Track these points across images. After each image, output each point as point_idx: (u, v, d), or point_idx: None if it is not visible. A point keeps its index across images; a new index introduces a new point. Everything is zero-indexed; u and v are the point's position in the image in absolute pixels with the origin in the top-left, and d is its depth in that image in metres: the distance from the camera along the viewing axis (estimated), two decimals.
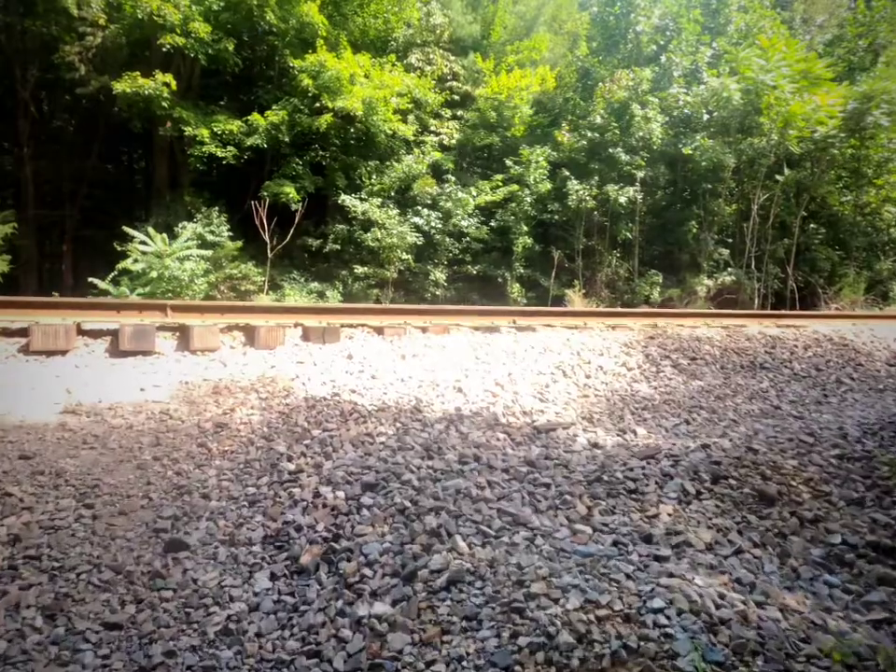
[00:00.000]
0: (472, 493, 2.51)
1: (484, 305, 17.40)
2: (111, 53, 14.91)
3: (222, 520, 2.37)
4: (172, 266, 12.90)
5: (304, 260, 16.86)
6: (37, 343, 3.93)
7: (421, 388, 4.01)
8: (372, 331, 5.17)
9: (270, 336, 4.56)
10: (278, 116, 14.67)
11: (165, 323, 4.72)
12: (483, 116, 17.88)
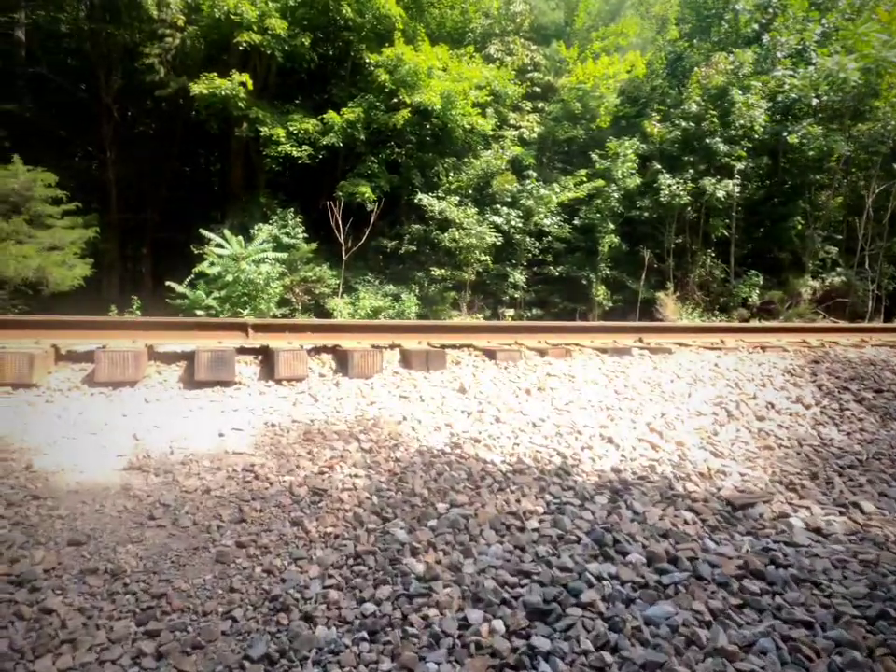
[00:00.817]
0: (698, 636, 1.66)
1: (567, 308, 16.38)
2: (189, 55, 14.78)
3: (335, 667, 1.61)
4: (247, 269, 12.56)
5: (378, 262, 16.31)
6: (104, 372, 3.33)
7: (560, 437, 3.17)
8: (481, 355, 4.35)
9: (365, 362, 3.82)
10: (354, 113, 14.13)
11: (246, 344, 4.07)
12: (566, 107, 16.81)
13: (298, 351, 3.74)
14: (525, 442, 3.09)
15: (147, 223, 18.13)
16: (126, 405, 3.23)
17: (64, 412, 3.10)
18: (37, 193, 12.14)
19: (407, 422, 3.22)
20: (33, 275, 11.67)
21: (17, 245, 11.42)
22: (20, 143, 14.97)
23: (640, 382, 3.97)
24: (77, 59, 18.60)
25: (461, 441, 3.04)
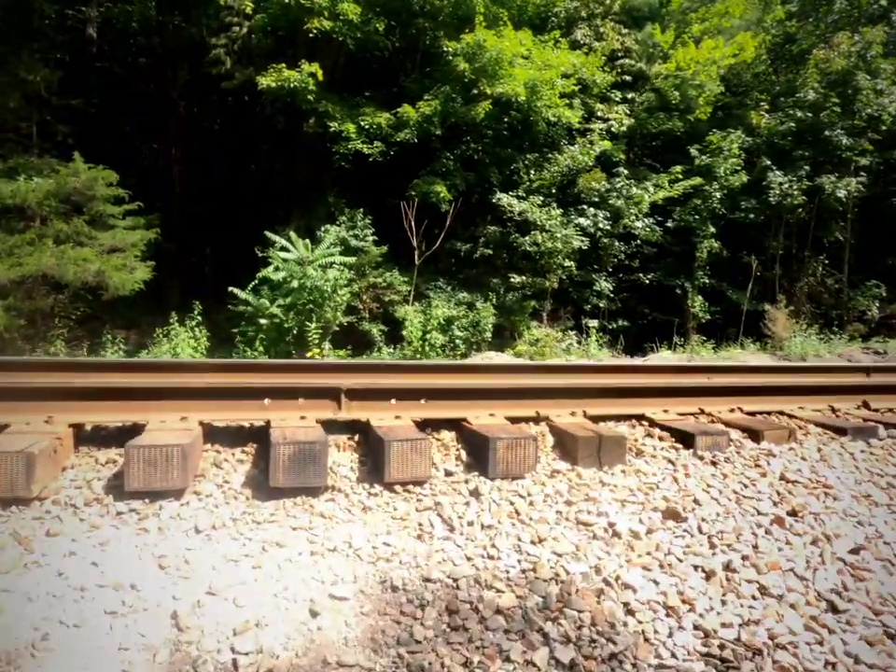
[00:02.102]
0: None
1: (658, 320, 14.76)
2: (256, 45, 13.93)
3: None
4: (313, 275, 11.57)
5: (450, 266, 15.10)
6: (136, 477, 2.19)
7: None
8: (669, 438, 3.03)
9: (512, 454, 2.57)
10: (430, 106, 12.93)
11: (338, 416, 2.90)
12: (661, 96, 15.16)
13: (416, 440, 2.52)
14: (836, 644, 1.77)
15: (210, 222, 17.48)
16: (165, 540, 2.07)
17: (71, 560, 1.96)
18: (99, 192, 11.47)
19: (612, 592, 1.94)
20: (93, 279, 10.98)
21: (76, 247, 10.74)
22: (84, 139, 14.47)
23: None
24: (146, 55, 18.12)
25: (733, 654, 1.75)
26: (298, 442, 2.39)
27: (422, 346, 12.65)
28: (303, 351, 12.23)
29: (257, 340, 11.61)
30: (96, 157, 12.70)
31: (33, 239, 10.50)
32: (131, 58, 16.97)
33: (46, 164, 12.11)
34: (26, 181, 11.17)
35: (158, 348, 11.96)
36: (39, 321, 11.95)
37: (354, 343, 13.34)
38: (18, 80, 11.57)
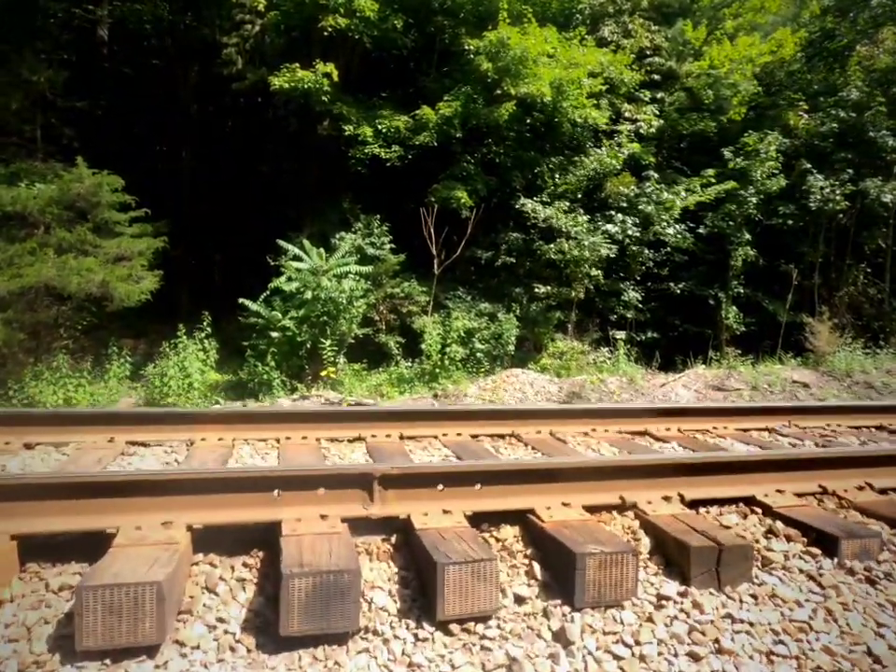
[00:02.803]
0: None
1: (689, 332, 14.00)
2: (269, 44, 13.35)
3: None
4: (328, 286, 10.95)
5: (470, 275, 14.43)
6: (92, 632, 1.54)
7: None
8: (796, 536, 2.34)
9: (604, 577, 1.90)
10: (451, 108, 12.27)
11: (371, 513, 2.23)
12: (693, 96, 14.41)
13: (479, 563, 1.84)
14: None
15: (220, 228, 16.93)
16: None
17: None
18: (104, 199, 10.91)
19: None
20: (97, 290, 10.42)
21: (79, 257, 10.18)
22: (91, 143, 13.96)
23: None
24: (156, 55, 17.63)
25: None
26: (319, 572, 1.72)
27: (441, 360, 12.00)
28: (317, 367, 11.62)
29: (268, 354, 11.00)
30: (103, 161, 12.16)
31: (34, 248, 9.96)
32: (140, 58, 16.45)
33: (50, 169, 11.60)
34: (28, 187, 10.66)
35: (165, 361, 11.40)
36: (42, 332, 11.43)
37: (369, 356, 12.73)
38: (20, 81, 11.05)
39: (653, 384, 10.58)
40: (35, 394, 10.02)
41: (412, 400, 10.07)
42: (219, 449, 3.58)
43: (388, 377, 12.12)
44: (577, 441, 4.12)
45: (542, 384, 10.06)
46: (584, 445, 4.04)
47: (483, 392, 9.73)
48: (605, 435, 4.24)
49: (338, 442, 3.91)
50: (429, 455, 3.75)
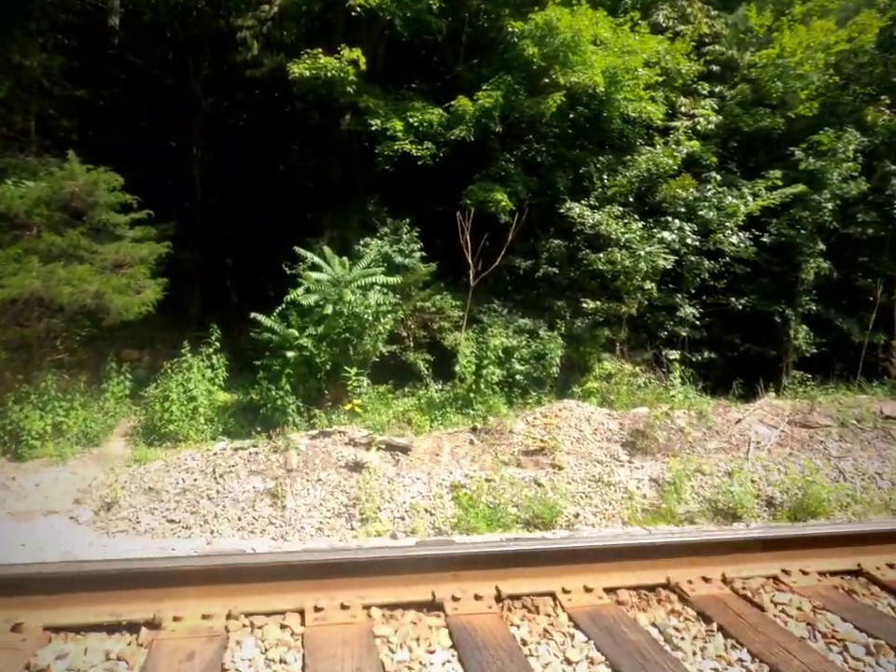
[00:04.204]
0: None
1: (751, 352, 12.54)
2: (287, 27, 12.04)
3: None
4: (352, 299, 9.60)
5: (506, 286, 13.04)
6: None
7: None
8: None
9: None
10: (492, 98, 10.90)
11: None
12: (757, 89, 12.91)
13: None
14: None
15: (233, 230, 15.66)
16: None
17: None
18: (101, 199, 9.66)
19: None
20: (91, 301, 9.16)
21: (69, 265, 8.92)
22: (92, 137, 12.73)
23: None
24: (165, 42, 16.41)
25: None
26: None
27: (476, 383, 10.64)
28: (337, 391, 10.29)
29: (283, 376, 9.69)
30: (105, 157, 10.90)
31: (18, 255, 8.72)
32: (150, 47, 15.22)
33: (43, 165, 10.36)
34: (15, 185, 9.43)
35: (168, 381, 10.13)
36: (34, 346, 10.20)
37: (394, 375, 11.41)
38: (10, 66, 9.81)
39: (727, 419, 9.14)
40: (18, 420, 8.79)
41: (448, 435, 8.71)
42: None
43: (417, 402, 10.78)
44: (771, 597, 2.74)
45: (600, 419, 8.66)
46: (796, 617, 2.63)
47: (532, 429, 8.35)
48: (808, 585, 2.85)
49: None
50: (553, 650, 2.34)
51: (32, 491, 6.97)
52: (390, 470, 7.07)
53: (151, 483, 6.76)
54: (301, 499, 6.42)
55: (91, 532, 5.91)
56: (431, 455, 7.85)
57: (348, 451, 7.28)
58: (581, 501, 6.90)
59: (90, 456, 8.96)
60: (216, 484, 6.61)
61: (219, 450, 7.35)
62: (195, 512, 6.22)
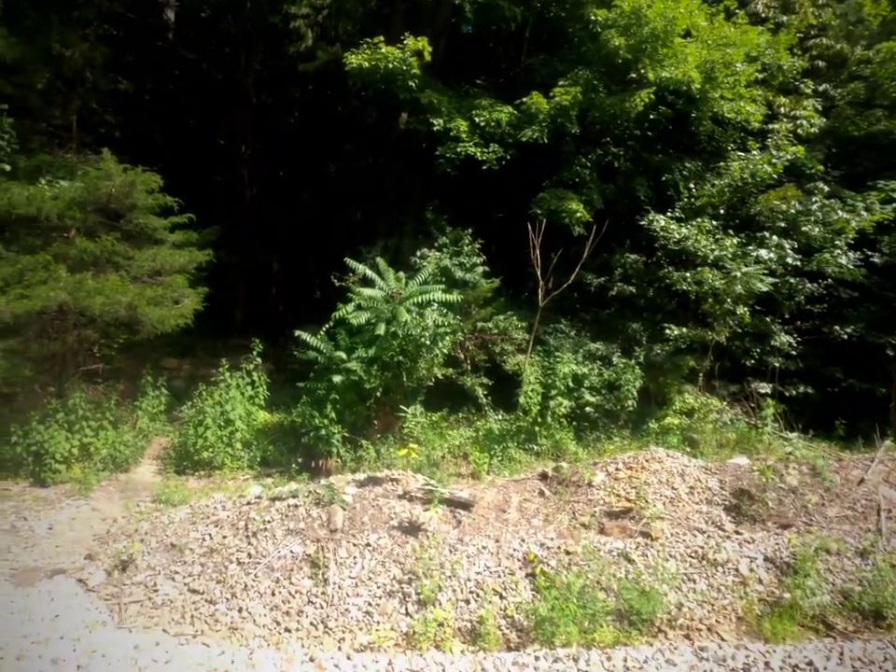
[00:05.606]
0: None
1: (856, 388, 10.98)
2: (344, 15, 11.05)
3: None
4: (407, 319, 8.52)
5: (574, 304, 11.78)
6: None
7: None
8: None
9: None
10: (569, 94, 9.67)
11: None
12: (876, 88, 11.31)
13: None
14: None
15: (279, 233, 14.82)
16: None
17: None
18: (139, 201, 8.84)
19: None
20: (125, 313, 8.33)
21: (97, 275, 8.11)
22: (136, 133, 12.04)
23: None
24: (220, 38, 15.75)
25: None
26: None
27: (541, 414, 9.46)
28: (387, 419, 9.25)
29: (328, 402, 8.68)
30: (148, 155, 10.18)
31: (48, 262, 7.95)
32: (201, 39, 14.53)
33: (83, 162, 9.63)
34: (50, 184, 8.69)
35: (204, 402, 9.28)
36: (68, 356, 9.47)
37: (448, 400, 10.31)
38: (50, 56, 9.10)
39: (846, 477, 7.68)
40: (43, 441, 8.03)
41: (514, 484, 7.53)
42: None
43: (474, 434, 9.65)
44: None
45: (696, 473, 7.33)
46: None
47: (615, 482, 7.09)
48: None
49: None
50: None
51: (43, 537, 6.12)
52: (451, 534, 5.94)
53: (174, 537, 5.80)
54: (346, 570, 5.35)
55: (98, 602, 4.97)
56: (497, 511, 6.69)
57: (402, 506, 6.18)
58: (683, 587, 5.62)
59: (115, 485, 8.15)
60: (247, 545, 5.60)
61: (254, 498, 6.35)
62: (222, 581, 5.22)
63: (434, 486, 6.23)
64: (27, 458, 8.05)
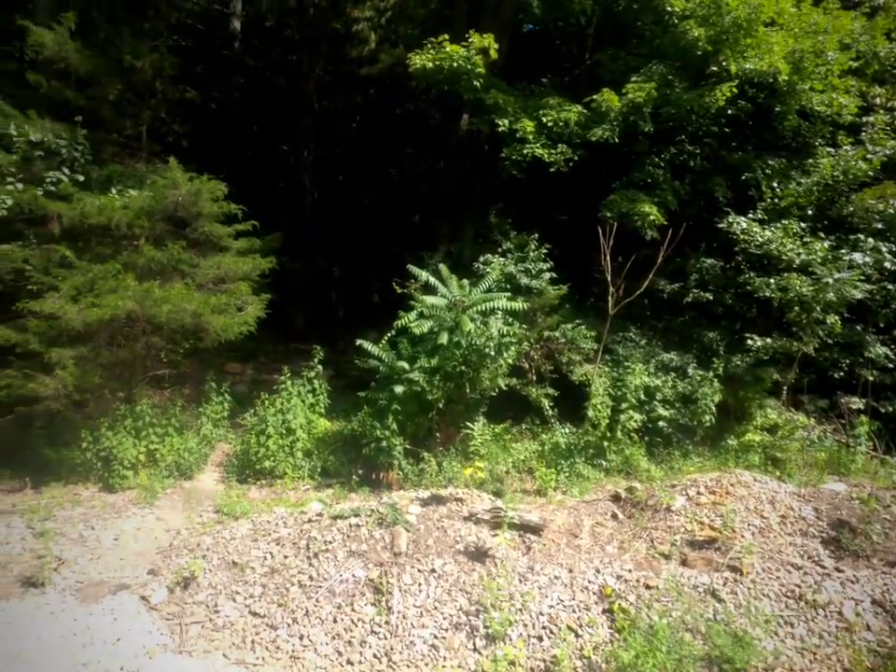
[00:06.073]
0: None
1: None
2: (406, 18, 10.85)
3: None
4: (471, 328, 8.19)
5: (644, 310, 11.18)
6: None
7: None
8: None
9: None
10: (643, 91, 9.14)
11: None
12: None
13: None
14: None
15: (340, 239, 14.78)
16: None
17: None
18: (205, 209, 8.87)
19: None
20: (190, 321, 8.35)
21: (164, 284, 8.15)
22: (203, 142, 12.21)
23: None
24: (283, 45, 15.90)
25: None
26: None
27: (611, 428, 8.96)
28: (449, 430, 8.96)
29: (389, 413, 8.46)
30: (213, 163, 10.27)
31: (118, 270, 8.03)
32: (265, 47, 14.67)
33: (152, 172, 9.75)
34: (121, 194, 8.81)
35: (266, 410, 9.22)
36: (137, 362, 9.60)
37: (510, 410, 9.94)
38: (121, 67, 9.25)
39: None
40: (112, 446, 8.13)
41: (585, 506, 7.11)
42: None
43: (539, 448, 9.23)
44: None
45: (787, 500, 6.71)
46: None
47: (698, 508, 6.56)
48: None
49: None
50: None
51: (108, 548, 6.11)
52: (521, 562, 5.57)
53: (236, 554, 5.66)
54: (410, 598, 5.07)
55: (160, 622, 4.86)
56: (568, 536, 6.29)
57: (467, 529, 5.86)
58: (780, 631, 5.08)
59: (180, 493, 8.16)
60: (309, 567, 5.40)
61: (315, 515, 6.16)
62: (283, 605, 5.03)
63: (503, 510, 5.87)
64: (97, 463, 8.14)
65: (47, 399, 7.84)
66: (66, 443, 8.33)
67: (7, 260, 7.78)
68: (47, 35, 8.28)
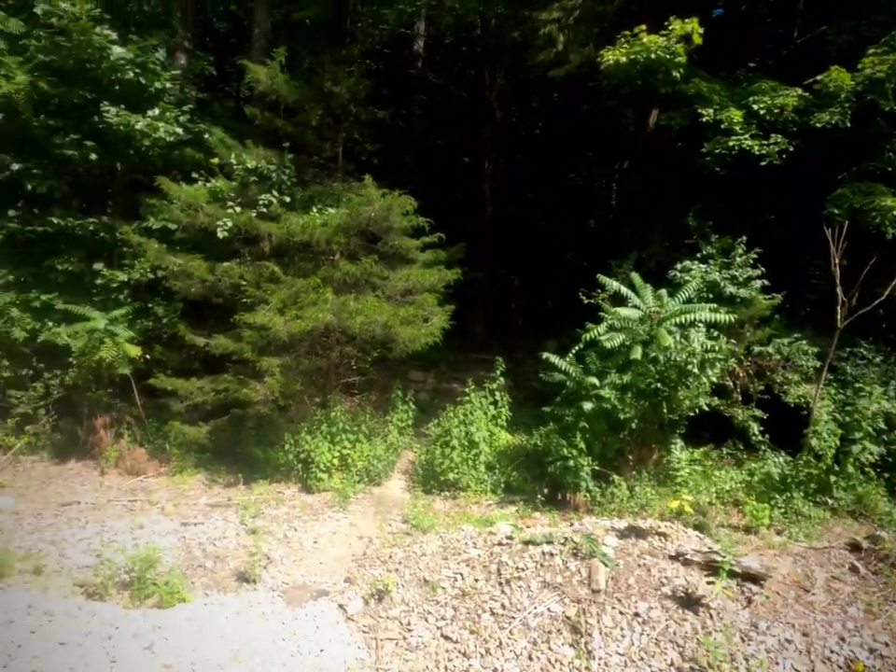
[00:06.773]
0: None
1: None
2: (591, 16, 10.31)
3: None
4: (670, 343, 7.44)
5: (878, 323, 9.49)
6: None
7: None
8: None
9: None
10: (885, 64, 7.73)
11: None
12: None
13: None
14: None
15: (520, 247, 14.57)
16: None
17: None
18: (395, 223, 9.13)
19: None
20: (380, 332, 8.62)
21: (358, 296, 8.49)
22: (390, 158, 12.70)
23: None
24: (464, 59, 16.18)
25: None
26: None
27: (839, 461, 7.65)
28: (642, 451, 8.26)
29: (576, 431, 7.98)
30: (401, 178, 10.60)
31: (318, 284, 8.52)
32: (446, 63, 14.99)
33: (347, 190, 10.30)
34: (320, 212, 9.40)
35: (449, 421, 9.23)
36: (331, 370, 10.17)
37: (706, 431, 8.96)
38: (322, 93, 9.89)
39: None
40: (310, 449, 8.64)
41: (814, 553, 6.06)
42: None
43: (747, 477, 8.15)
44: None
45: None
46: None
47: None
48: None
49: None
50: None
51: (309, 551, 6.39)
52: (741, 616, 4.82)
53: (427, 571, 5.59)
54: (613, 644, 4.59)
55: (357, 635, 4.89)
56: (797, 589, 5.35)
57: (674, 570, 5.22)
58: None
59: (369, 499, 8.41)
60: (501, 594, 5.14)
61: (504, 538, 5.90)
62: (475, 632, 4.82)
63: (719, 555, 5.14)
64: (297, 465, 8.68)
65: (257, 403, 8.52)
66: (271, 444, 9.02)
67: (227, 276, 8.61)
68: (261, 70, 9.09)
